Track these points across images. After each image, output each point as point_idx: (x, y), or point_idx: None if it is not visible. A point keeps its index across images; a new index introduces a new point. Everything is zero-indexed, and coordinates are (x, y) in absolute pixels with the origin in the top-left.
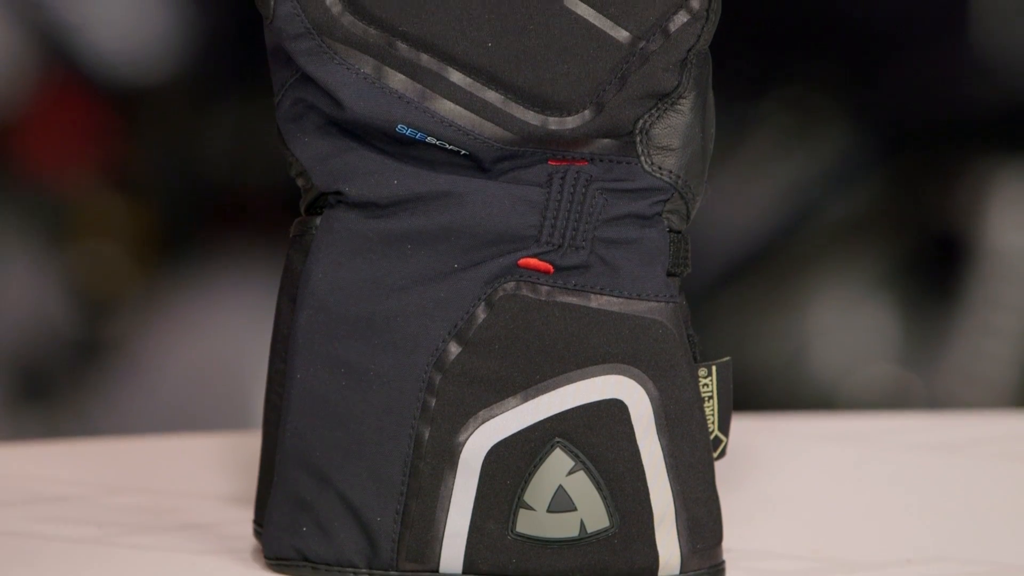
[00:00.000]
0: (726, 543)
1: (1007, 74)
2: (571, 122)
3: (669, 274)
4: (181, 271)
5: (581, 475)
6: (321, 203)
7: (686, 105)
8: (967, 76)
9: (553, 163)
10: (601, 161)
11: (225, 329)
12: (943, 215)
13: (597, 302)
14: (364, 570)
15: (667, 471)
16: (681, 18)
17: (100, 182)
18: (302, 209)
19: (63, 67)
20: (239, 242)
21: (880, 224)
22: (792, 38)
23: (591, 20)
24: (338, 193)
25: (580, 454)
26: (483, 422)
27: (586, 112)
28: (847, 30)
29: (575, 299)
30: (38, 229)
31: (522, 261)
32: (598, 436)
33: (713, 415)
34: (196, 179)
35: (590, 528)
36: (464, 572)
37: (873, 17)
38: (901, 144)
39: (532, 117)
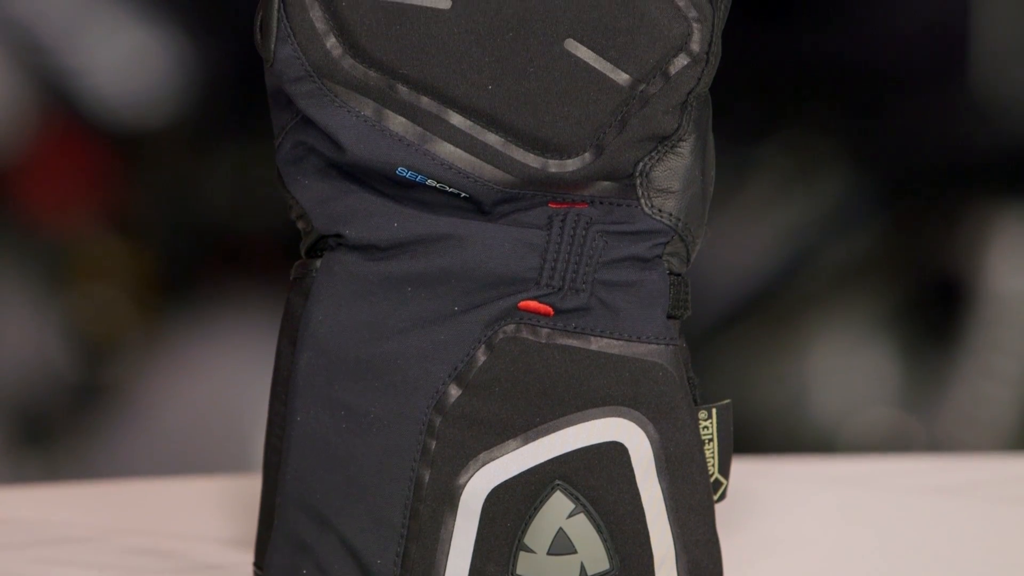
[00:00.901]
0: None
1: (1007, 118)
2: (571, 165)
3: (669, 316)
4: (181, 314)
5: (581, 518)
6: (321, 246)
7: (686, 148)
8: (967, 120)
9: (553, 205)
10: (601, 203)
11: (225, 372)
12: (943, 258)
13: (597, 344)
14: None
15: (667, 513)
16: (681, 61)
17: (100, 225)
18: (302, 252)
19: (64, 111)
20: (239, 285)
21: (880, 267)
22: (792, 82)
23: (591, 63)
24: (338, 236)
25: (580, 497)
26: (483, 464)
27: (586, 155)
28: (847, 74)
29: (575, 341)
30: (38, 272)
31: (522, 304)
32: (598, 479)
33: (713, 458)
34: (196, 222)
35: (590, 571)
36: None
37: (873, 61)
38: (901, 187)
39: (532, 160)
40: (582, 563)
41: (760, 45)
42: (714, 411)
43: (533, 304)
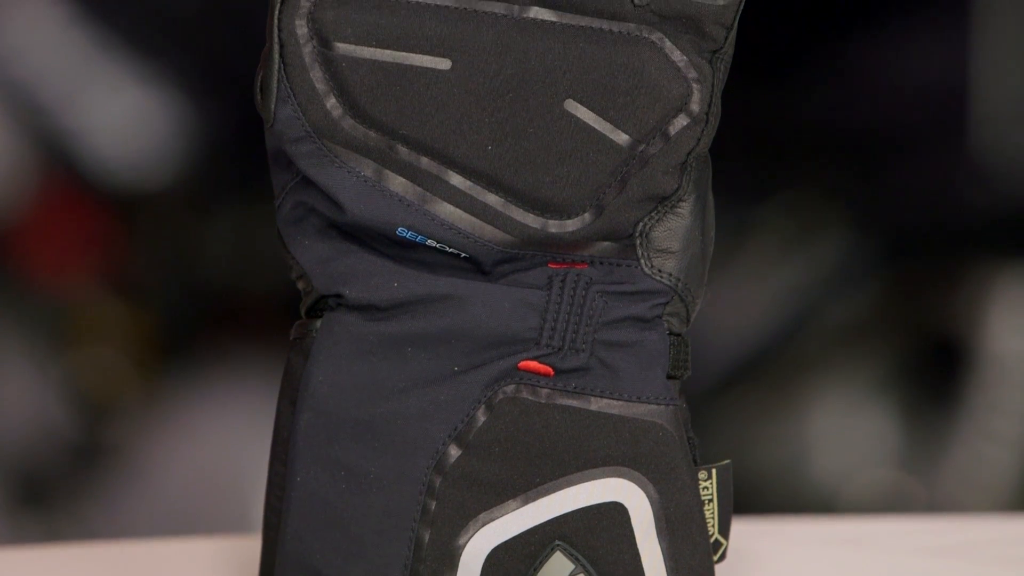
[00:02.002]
0: None
1: (1006, 179)
2: (571, 225)
3: (669, 377)
4: (181, 375)
5: None
6: (321, 306)
7: (686, 208)
8: (967, 181)
9: (553, 266)
10: (601, 264)
11: (225, 433)
12: (943, 319)
13: (597, 405)
14: None
15: (667, 574)
16: (681, 121)
17: (100, 287)
18: (302, 312)
19: (64, 172)
20: (239, 346)
21: (880, 328)
22: (792, 143)
23: (591, 123)
24: (338, 296)
25: (580, 557)
26: (483, 525)
27: (586, 215)
28: (846, 135)
29: (575, 402)
30: (38, 333)
31: (522, 364)
32: (598, 539)
33: (713, 518)
34: (196, 283)
35: None
36: None
37: (872, 122)
38: (901, 248)
39: (532, 220)
40: None
41: (759, 106)
42: (714, 471)
43: (533, 364)
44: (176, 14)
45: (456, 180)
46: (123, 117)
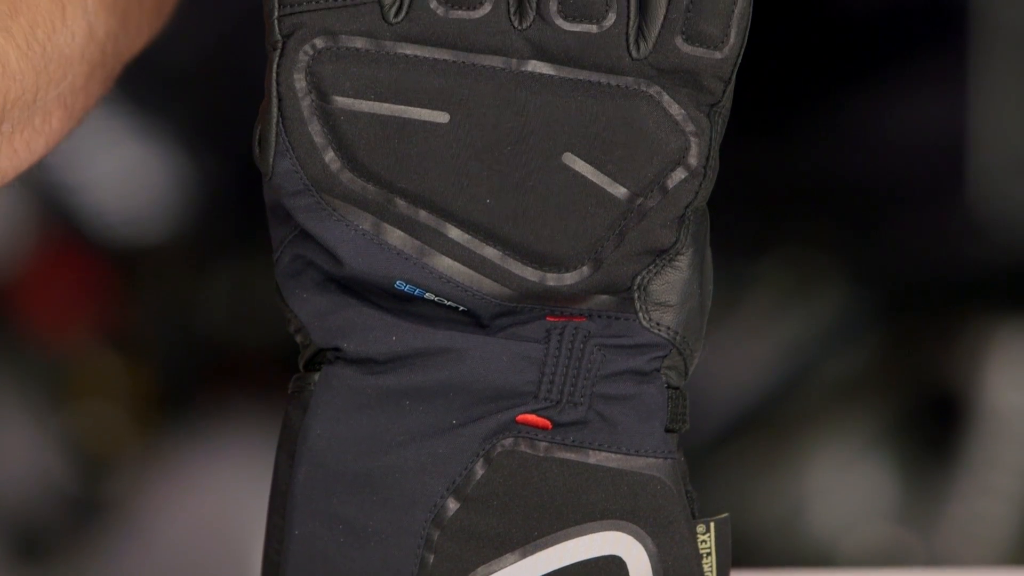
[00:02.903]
0: None
1: (1004, 234)
2: (569, 278)
3: (667, 430)
4: (180, 429)
5: None
6: (320, 359)
7: (684, 261)
8: (964, 236)
9: (551, 319)
10: (599, 317)
11: (224, 486)
12: (941, 374)
13: (595, 458)
14: None
15: None
16: (679, 175)
17: (99, 340)
18: (301, 365)
19: (62, 226)
20: (238, 399)
21: (878, 383)
22: (789, 197)
23: (589, 177)
24: (337, 349)
25: None
26: None
27: (584, 268)
28: (844, 190)
29: (573, 455)
30: (36, 387)
31: (520, 417)
32: None
33: (712, 572)
34: (194, 337)
35: None
36: None
37: (870, 177)
38: (899, 303)
39: (530, 273)
40: None
41: (757, 160)
42: (712, 525)
43: (531, 418)
44: (174, 68)
45: (454, 233)
46: (121, 171)
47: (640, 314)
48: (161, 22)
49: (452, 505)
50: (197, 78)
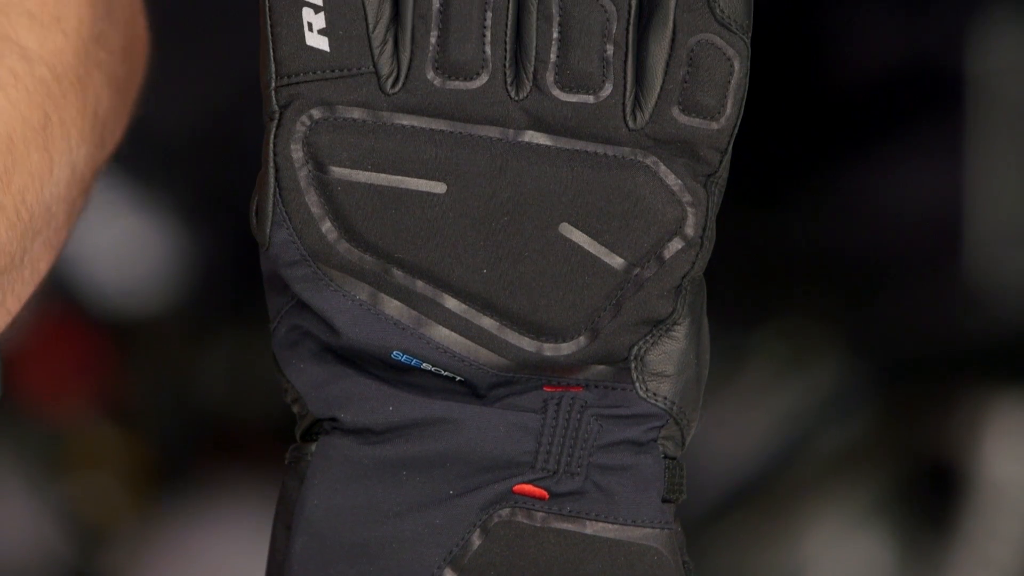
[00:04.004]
0: None
1: (1001, 304)
2: (566, 349)
3: (664, 500)
4: (177, 500)
5: None
6: (317, 429)
7: (681, 331)
8: (961, 306)
9: (548, 389)
10: (596, 387)
11: (221, 558)
12: (939, 445)
13: (592, 528)
14: None
15: None
16: (676, 245)
17: (96, 412)
18: (297, 435)
19: (60, 298)
20: (235, 470)
21: (875, 453)
22: (786, 268)
23: (586, 247)
24: (333, 419)
25: None
26: None
27: (581, 339)
28: (841, 261)
29: (570, 525)
30: (35, 458)
31: (517, 487)
32: None
33: None
34: (192, 408)
35: None
36: None
37: (866, 248)
38: (895, 374)
39: (527, 344)
40: None
41: (754, 231)
42: None
43: (528, 488)
44: (170, 140)
45: (451, 304)
46: (118, 243)
47: (637, 384)
48: (127, 122)
49: None
50: (193, 149)
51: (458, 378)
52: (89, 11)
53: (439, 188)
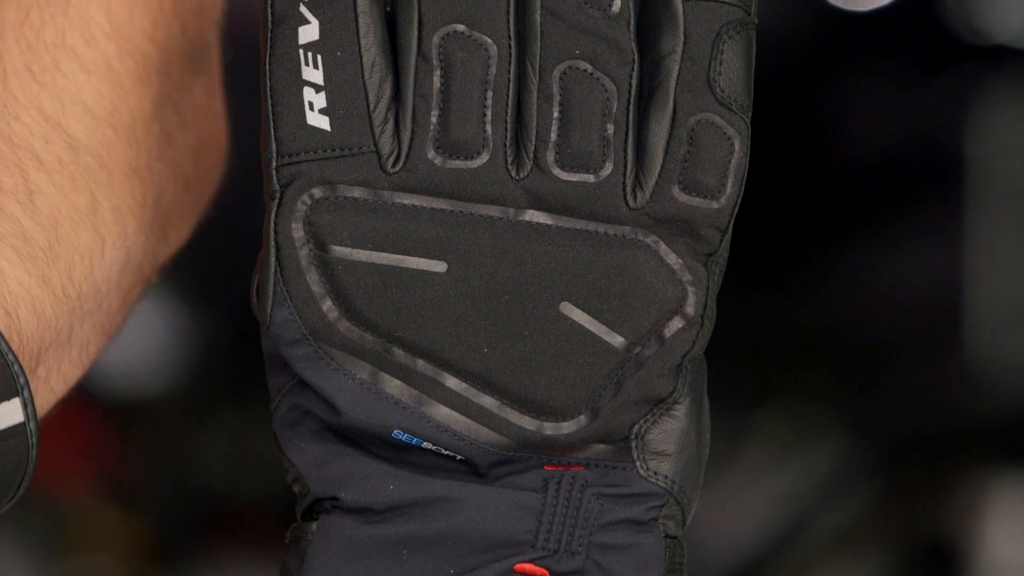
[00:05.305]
0: None
1: (1001, 386)
2: (566, 427)
3: None
4: None
5: None
6: (317, 508)
7: (682, 411)
8: (961, 388)
9: (549, 468)
10: (596, 466)
11: None
12: (939, 526)
13: None
14: None
15: None
16: (676, 324)
17: (97, 493)
18: (298, 515)
19: None
20: (236, 551)
21: (876, 534)
22: (786, 349)
23: (586, 326)
24: (334, 499)
25: None
26: None
27: (581, 418)
28: (841, 342)
29: None
30: (36, 539)
31: (518, 566)
32: None
33: None
34: (192, 489)
35: None
36: None
37: (867, 329)
38: (896, 455)
39: (528, 423)
40: None
41: (755, 311)
42: None
43: (529, 567)
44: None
45: (452, 383)
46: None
47: (638, 463)
48: (198, 219)
49: None
50: (194, 230)
51: (459, 457)
52: (150, 107)
53: (440, 267)
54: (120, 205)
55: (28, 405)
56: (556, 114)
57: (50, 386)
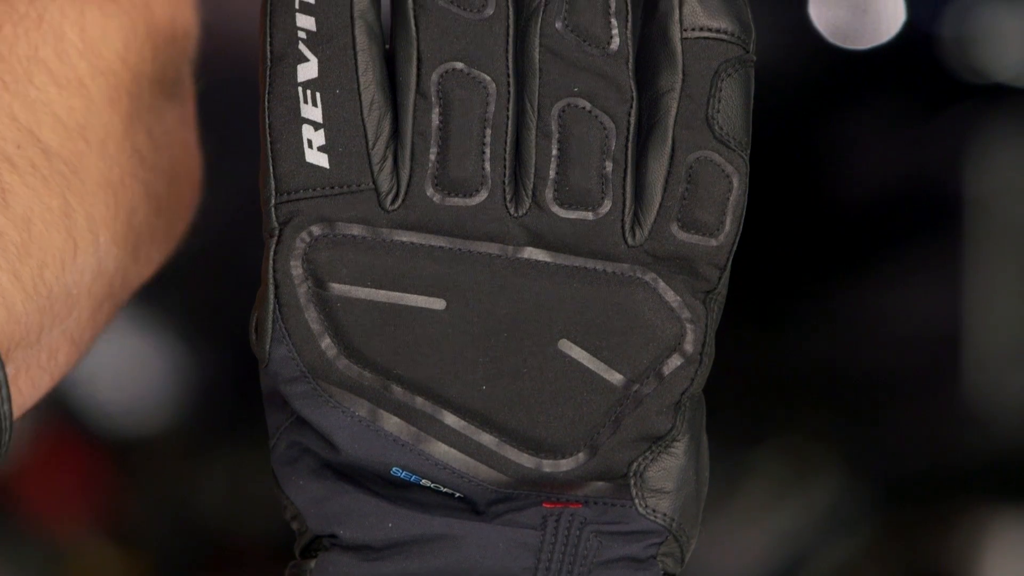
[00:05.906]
0: None
1: (1000, 424)
2: (565, 465)
3: None
4: None
5: None
6: (316, 546)
7: (680, 448)
8: (960, 426)
9: (547, 505)
10: (595, 504)
11: None
12: (938, 563)
13: None
14: None
15: None
16: (675, 361)
17: (95, 531)
18: (297, 552)
19: (59, 417)
20: None
21: (875, 572)
22: (785, 387)
23: (585, 363)
24: (333, 536)
25: None
26: None
27: (580, 455)
28: (840, 380)
29: None
30: None
31: None
32: None
33: None
34: (191, 526)
35: None
36: None
37: (865, 367)
38: (895, 492)
39: (526, 460)
40: None
41: (753, 348)
42: None
43: None
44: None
45: (450, 420)
46: (117, 361)
47: (636, 501)
48: (171, 248)
49: None
50: (192, 266)
51: (457, 494)
52: (121, 125)
53: (438, 304)
54: (93, 214)
55: (2, 387)
56: (555, 152)
57: (18, 387)
